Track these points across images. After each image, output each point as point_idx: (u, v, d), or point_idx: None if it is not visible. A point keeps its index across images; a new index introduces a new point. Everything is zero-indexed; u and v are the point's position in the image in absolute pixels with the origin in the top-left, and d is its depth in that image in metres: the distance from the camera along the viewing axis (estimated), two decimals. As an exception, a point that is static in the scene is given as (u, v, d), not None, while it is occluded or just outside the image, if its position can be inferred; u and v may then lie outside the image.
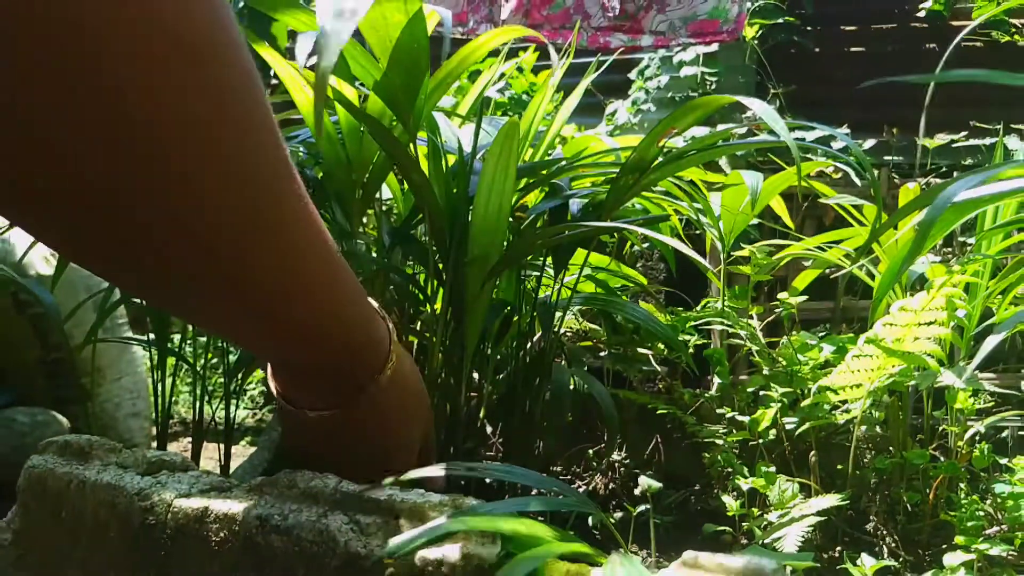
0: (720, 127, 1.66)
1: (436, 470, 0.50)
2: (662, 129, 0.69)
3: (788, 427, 0.85)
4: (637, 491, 0.79)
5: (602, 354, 1.00)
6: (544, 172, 0.82)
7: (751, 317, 1.01)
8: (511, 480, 0.52)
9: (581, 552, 0.42)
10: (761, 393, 0.90)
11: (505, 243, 0.77)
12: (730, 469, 0.83)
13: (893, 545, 0.78)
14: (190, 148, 0.39)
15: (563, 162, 0.82)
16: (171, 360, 0.88)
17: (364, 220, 0.87)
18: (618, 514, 0.81)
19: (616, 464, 0.92)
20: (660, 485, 0.66)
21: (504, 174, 0.69)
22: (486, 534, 0.43)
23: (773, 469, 0.80)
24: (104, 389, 0.99)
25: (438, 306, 0.80)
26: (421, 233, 0.95)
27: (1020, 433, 0.97)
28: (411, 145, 0.72)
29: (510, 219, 0.85)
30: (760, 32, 3.24)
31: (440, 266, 0.77)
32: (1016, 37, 3.21)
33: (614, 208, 0.78)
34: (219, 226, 0.42)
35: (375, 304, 0.59)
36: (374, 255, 0.90)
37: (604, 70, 1.08)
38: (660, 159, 0.72)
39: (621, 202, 0.77)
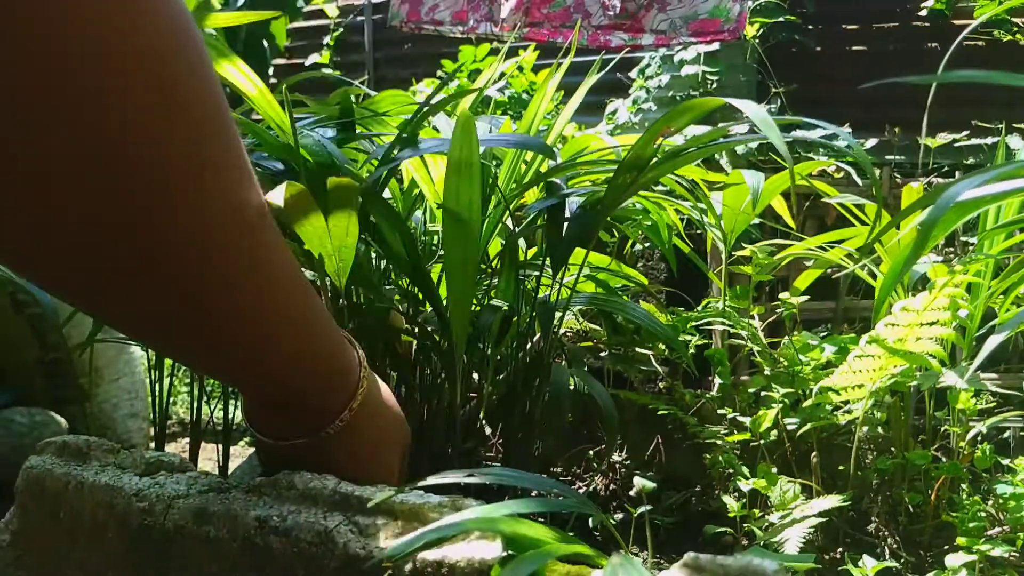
0: (721, 125, 1.65)
1: (437, 478, 0.49)
2: (658, 128, 0.69)
3: (789, 428, 0.85)
4: (632, 492, 0.78)
5: (602, 354, 1.00)
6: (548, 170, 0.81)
7: (752, 317, 1.00)
8: (511, 483, 0.51)
9: (581, 553, 0.42)
10: (762, 394, 0.89)
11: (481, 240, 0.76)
12: (731, 470, 0.83)
13: (895, 546, 0.78)
14: (173, 178, 0.40)
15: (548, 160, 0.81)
16: (168, 360, 0.87)
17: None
18: (619, 515, 0.81)
19: (616, 465, 0.92)
20: (654, 485, 0.65)
21: (468, 171, 0.67)
22: (486, 535, 0.43)
23: (774, 470, 0.79)
24: (102, 389, 0.98)
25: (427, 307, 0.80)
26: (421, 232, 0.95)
27: (1022, 434, 0.97)
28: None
29: (510, 218, 0.85)
30: (761, 31, 3.23)
31: (413, 266, 0.77)
32: (1018, 36, 3.21)
33: (613, 206, 0.78)
34: (194, 255, 0.43)
35: (344, 333, 0.59)
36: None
37: (604, 69, 1.08)
38: (657, 158, 0.72)
39: (620, 201, 0.77)
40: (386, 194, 0.93)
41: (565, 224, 0.79)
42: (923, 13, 3.43)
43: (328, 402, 0.56)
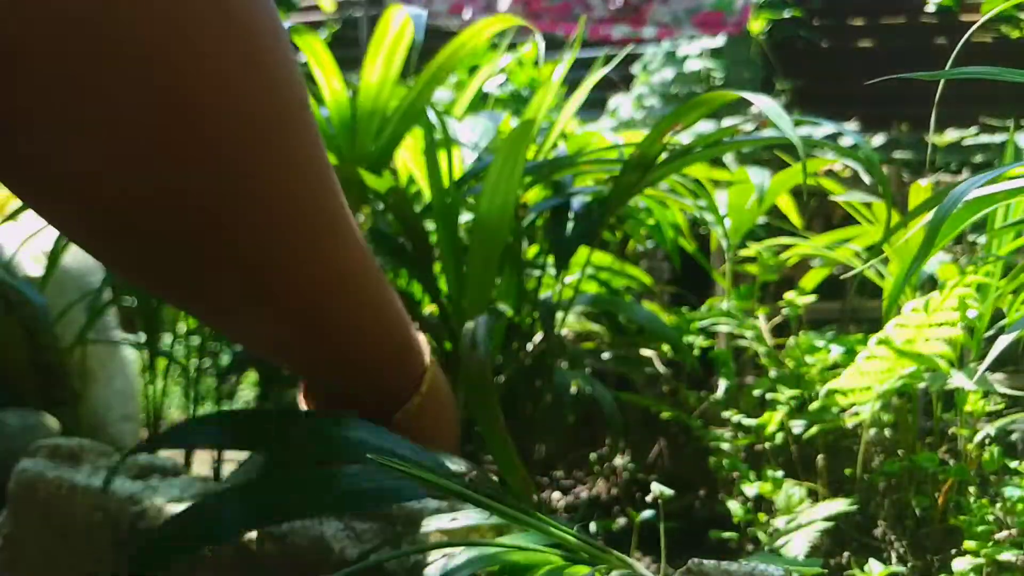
0: (726, 122, 1.64)
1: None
2: (666, 125, 0.68)
3: (795, 431, 0.84)
4: (649, 498, 0.77)
5: (605, 356, 0.98)
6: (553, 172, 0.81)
7: (757, 318, 0.99)
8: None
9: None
10: (768, 396, 0.88)
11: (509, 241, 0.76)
12: (736, 474, 0.82)
13: (902, 551, 0.77)
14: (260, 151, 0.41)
15: (566, 160, 0.80)
16: (162, 362, 0.87)
17: (361, 218, 0.86)
18: (622, 520, 0.80)
19: (619, 469, 0.91)
20: (672, 492, 0.64)
21: (511, 172, 0.67)
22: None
23: (780, 473, 0.78)
24: (94, 392, 0.97)
25: (435, 308, 0.79)
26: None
27: (1031, 436, 0.95)
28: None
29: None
30: (768, 27, 3.22)
31: (423, 267, 0.76)
32: (1026, 32, 3.19)
33: (618, 206, 0.77)
34: (268, 224, 0.43)
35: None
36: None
37: (606, 64, 1.06)
38: (664, 156, 0.71)
39: (625, 199, 0.76)
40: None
41: (569, 223, 0.79)
42: (931, 9, 3.41)
43: (399, 384, 0.56)
